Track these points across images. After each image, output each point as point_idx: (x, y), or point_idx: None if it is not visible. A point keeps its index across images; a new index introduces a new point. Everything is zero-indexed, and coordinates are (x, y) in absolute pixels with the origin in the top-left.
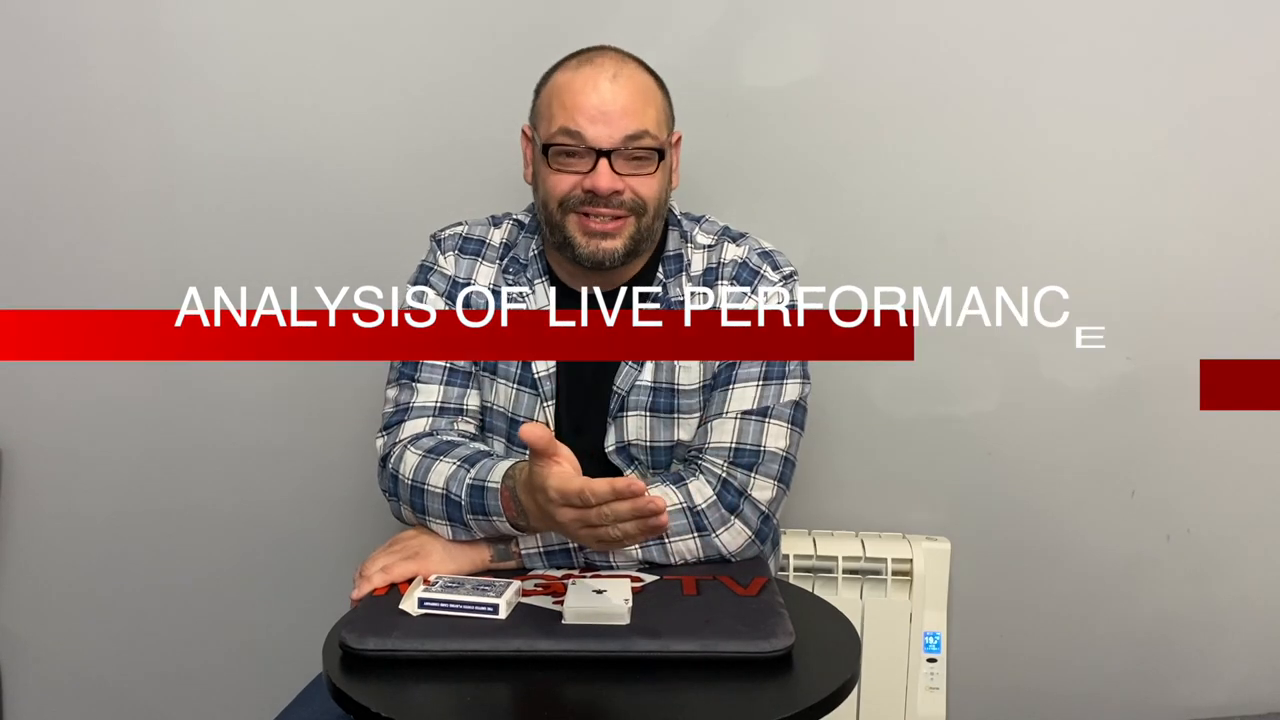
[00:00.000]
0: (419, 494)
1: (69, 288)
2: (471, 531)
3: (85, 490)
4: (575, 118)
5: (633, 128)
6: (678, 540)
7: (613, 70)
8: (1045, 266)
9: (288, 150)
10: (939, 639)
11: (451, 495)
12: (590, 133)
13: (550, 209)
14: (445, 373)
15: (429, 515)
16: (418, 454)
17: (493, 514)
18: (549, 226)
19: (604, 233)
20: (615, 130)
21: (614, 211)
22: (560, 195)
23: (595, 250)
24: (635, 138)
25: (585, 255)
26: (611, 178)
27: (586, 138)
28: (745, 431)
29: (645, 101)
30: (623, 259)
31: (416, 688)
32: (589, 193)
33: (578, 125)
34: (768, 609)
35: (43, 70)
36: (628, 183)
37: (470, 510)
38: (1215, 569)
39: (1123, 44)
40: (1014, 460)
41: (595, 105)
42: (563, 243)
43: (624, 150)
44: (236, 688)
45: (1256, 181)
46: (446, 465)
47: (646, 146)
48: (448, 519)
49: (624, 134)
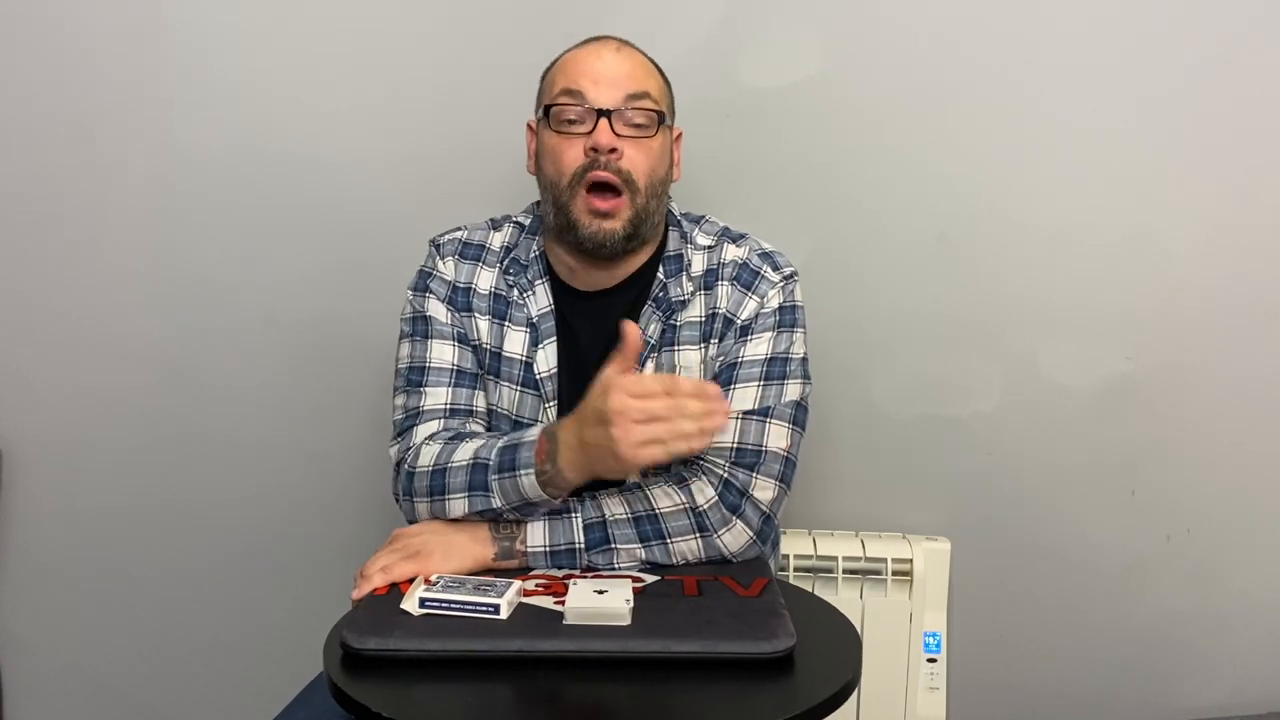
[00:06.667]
0: (440, 475)
1: (70, 284)
2: (490, 498)
3: (85, 489)
4: (578, 80)
5: (634, 88)
6: (679, 540)
7: (616, 44)
8: (1045, 266)
9: (289, 150)
10: (939, 639)
11: (480, 460)
12: (591, 93)
13: (559, 186)
14: (452, 375)
15: (449, 492)
16: (438, 444)
17: (521, 468)
18: (555, 208)
19: (605, 212)
20: (617, 90)
21: (611, 178)
22: (568, 171)
23: (597, 230)
24: (636, 97)
25: (588, 235)
26: (610, 135)
27: (587, 97)
28: (746, 432)
29: (647, 73)
30: (623, 241)
31: (417, 687)
32: (592, 152)
33: (579, 86)
34: (769, 610)
35: (44, 67)
36: (625, 147)
37: (498, 469)
38: (1215, 569)
39: (1123, 44)
40: (1014, 460)
41: (598, 69)
42: (566, 225)
43: (624, 112)
44: (237, 687)
45: (1257, 181)
46: (475, 441)
47: (647, 109)
48: (468, 489)
49: (625, 93)
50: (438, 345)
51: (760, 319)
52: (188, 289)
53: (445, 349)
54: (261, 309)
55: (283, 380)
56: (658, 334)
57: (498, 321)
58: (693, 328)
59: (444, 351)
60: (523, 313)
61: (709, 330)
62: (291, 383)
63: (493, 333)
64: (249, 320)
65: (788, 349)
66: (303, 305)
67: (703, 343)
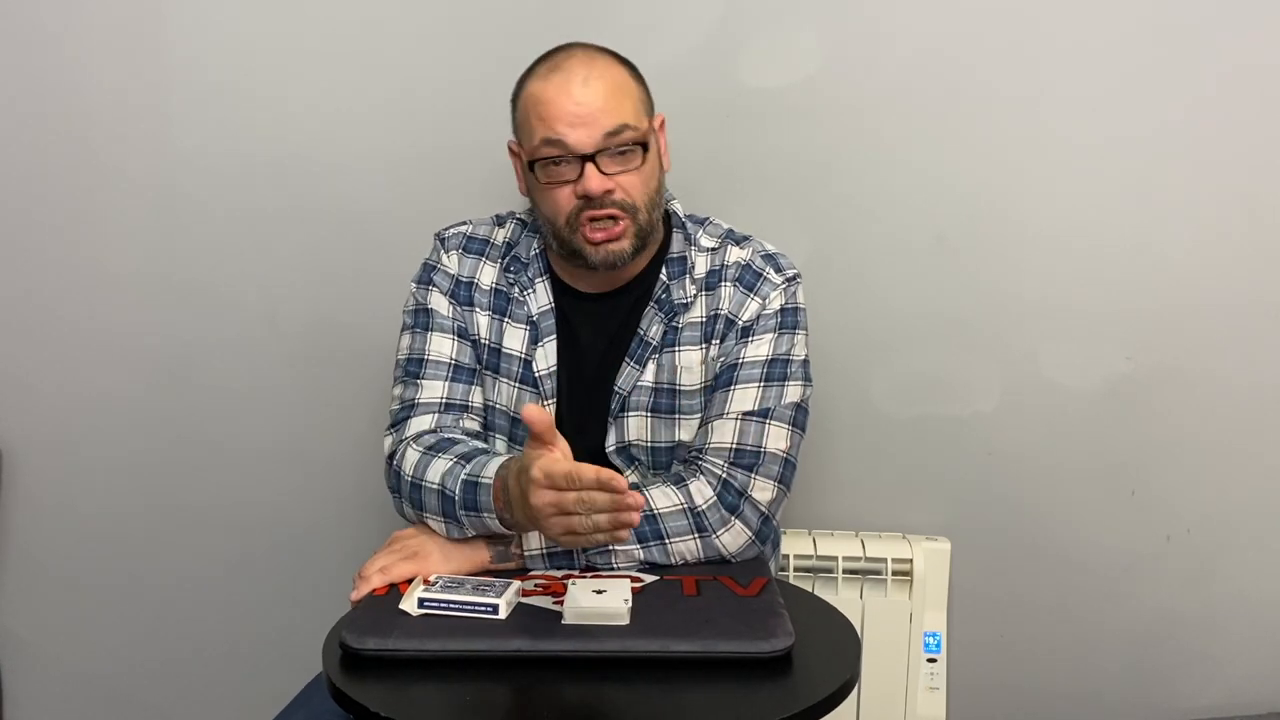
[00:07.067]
0: (418, 490)
1: (70, 285)
2: (464, 528)
3: (85, 489)
4: (554, 126)
5: (611, 124)
6: (678, 541)
7: (583, 74)
8: (1045, 266)
9: (289, 151)
10: (939, 639)
11: (446, 491)
12: (571, 138)
13: (557, 227)
14: (450, 369)
15: (426, 511)
16: (419, 451)
17: (484, 509)
18: (557, 241)
19: (609, 238)
20: (595, 130)
21: (610, 211)
22: (563, 213)
23: (606, 255)
24: (615, 133)
25: (598, 262)
26: (600, 179)
27: (568, 144)
28: (746, 433)
29: (620, 96)
30: (631, 256)
31: (417, 688)
32: (584, 198)
33: (558, 134)
34: (768, 609)
35: (43, 68)
36: (617, 181)
37: (463, 505)
38: (1215, 569)
39: (1123, 44)
40: (1014, 460)
41: (571, 111)
42: (571, 254)
43: (608, 150)
44: (236, 687)
45: (1256, 181)
46: (444, 462)
47: (628, 141)
48: (443, 515)
49: (604, 131)
50: (437, 338)
51: (762, 320)
52: (188, 290)
53: (444, 342)
54: (261, 311)
55: (282, 381)
56: (659, 335)
57: (498, 317)
58: (694, 328)
59: (443, 345)
60: (523, 310)
61: (710, 331)
62: (291, 384)
63: (492, 328)
64: (249, 322)
65: (789, 351)
66: (302, 307)
67: (704, 343)
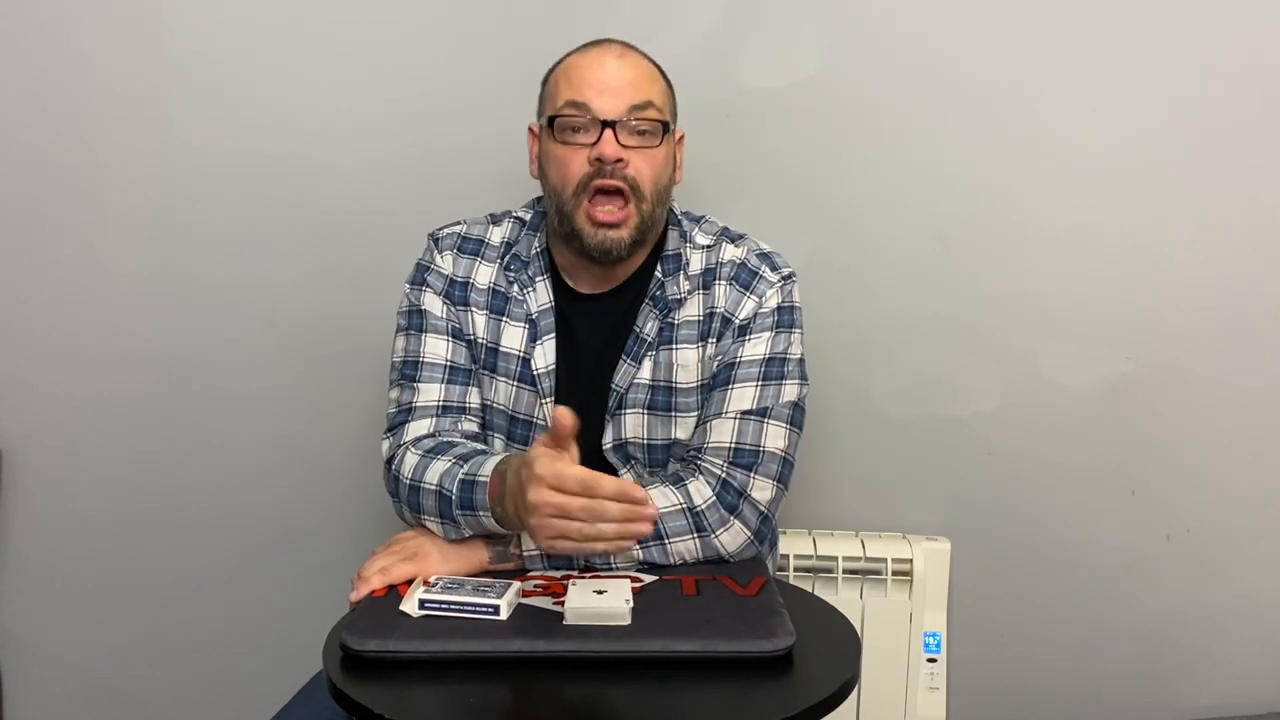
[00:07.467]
0: (415, 492)
1: (70, 285)
2: (460, 528)
3: (85, 490)
4: (582, 90)
5: (638, 98)
6: (677, 541)
7: (619, 50)
8: (1045, 266)
9: (289, 151)
10: (939, 639)
11: (444, 491)
12: (596, 103)
13: (563, 196)
14: (446, 371)
15: (424, 513)
16: (417, 454)
17: (479, 508)
18: (559, 215)
19: (610, 223)
20: (620, 101)
21: (618, 184)
22: (572, 181)
23: (603, 240)
24: (640, 108)
25: (593, 245)
26: (615, 146)
27: (592, 108)
28: (744, 432)
29: (650, 80)
30: (629, 249)
31: (417, 688)
32: (597, 163)
33: (584, 97)
34: (767, 609)
35: (43, 68)
36: (630, 157)
37: (459, 505)
38: (1215, 569)
39: (1123, 45)
40: (1014, 460)
41: (601, 79)
42: (570, 233)
43: (629, 121)
44: (236, 687)
45: (1256, 181)
46: (442, 463)
47: (651, 119)
48: (439, 515)
49: (629, 104)
50: (432, 340)
51: (758, 319)
52: (187, 290)
53: (440, 344)
54: (261, 310)
55: (282, 381)
56: (655, 332)
57: (495, 317)
58: (690, 326)
59: (438, 346)
60: (521, 308)
61: (707, 329)
62: (291, 384)
63: (489, 328)
64: (248, 322)
65: (785, 349)
66: (302, 307)
67: (700, 342)
